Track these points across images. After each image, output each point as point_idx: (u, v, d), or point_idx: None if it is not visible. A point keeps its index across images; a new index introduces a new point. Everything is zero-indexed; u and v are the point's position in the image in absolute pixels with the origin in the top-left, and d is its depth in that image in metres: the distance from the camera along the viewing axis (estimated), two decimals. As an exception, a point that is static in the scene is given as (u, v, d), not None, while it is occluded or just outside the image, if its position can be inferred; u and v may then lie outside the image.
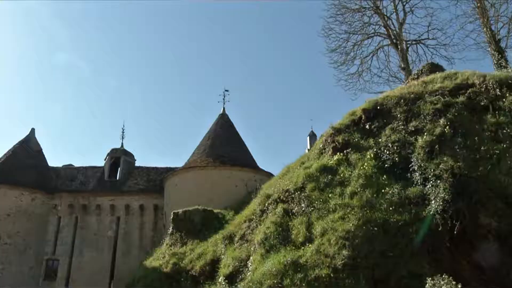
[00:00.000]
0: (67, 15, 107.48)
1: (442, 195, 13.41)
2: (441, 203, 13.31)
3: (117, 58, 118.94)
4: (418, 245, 12.89)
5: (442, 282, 10.83)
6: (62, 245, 38.33)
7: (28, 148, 41.53)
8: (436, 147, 15.07)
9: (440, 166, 14.15)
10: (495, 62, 25.76)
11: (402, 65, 32.86)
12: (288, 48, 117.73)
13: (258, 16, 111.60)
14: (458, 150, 14.66)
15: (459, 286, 10.54)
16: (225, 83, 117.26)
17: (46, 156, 43.16)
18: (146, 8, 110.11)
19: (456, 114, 16.26)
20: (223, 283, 16.87)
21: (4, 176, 37.82)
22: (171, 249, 23.69)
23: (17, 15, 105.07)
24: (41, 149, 43.04)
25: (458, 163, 13.98)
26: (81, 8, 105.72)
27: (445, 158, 14.34)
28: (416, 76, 22.54)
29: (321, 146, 19.16)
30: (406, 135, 16.46)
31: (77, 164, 44.14)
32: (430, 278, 11.12)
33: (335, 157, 17.44)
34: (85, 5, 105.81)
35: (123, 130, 45.30)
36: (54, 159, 61.40)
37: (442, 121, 16.04)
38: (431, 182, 14.08)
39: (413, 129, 16.55)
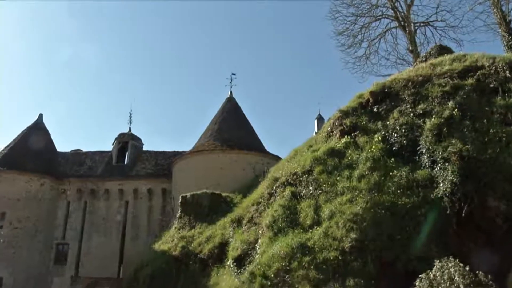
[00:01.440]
0: (75, 6, 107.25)
1: (450, 178, 13.37)
2: (449, 186, 13.28)
3: (124, 44, 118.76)
4: (426, 228, 12.91)
5: (449, 265, 10.81)
6: (71, 230, 38.70)
7: (37, 134, 41.71)
8: (444, 130, 14.99)
9: (449, 149, 14.09)
10: (505, 43, 25.48)
11: (410, 48, 32.60)
12: (295, 31, 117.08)
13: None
14: (466, 133, 14.58)
15: (467, 268, 10.54)
16: (232, 67, 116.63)
17: (54, 141, 43.41)
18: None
19: (464, 96, 16.14)
20: (231, 266, 16.99)
21: (13, 162, 38.08)
22: (179, 233, 23.85)
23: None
24: (49, 135, 43.23)
25: (467, 146, 13.91)
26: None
27: (453, 141, 14.27)
28: (424, 59, 22.34)
29: (328, 129, 19.12)
30: (414, 118, 16.37)
31: (85, 149, 44.37)
32: (437, 261, 11.12)
33: (343, 140, 17.40)
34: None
35: (131, 114, 45.42)
36: (62, 144, 61.43)
37: (450, 103, 15.93)
38: (439, 165, 14.04)
39: (421, 112, 16.46)
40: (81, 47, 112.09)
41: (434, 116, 15.73)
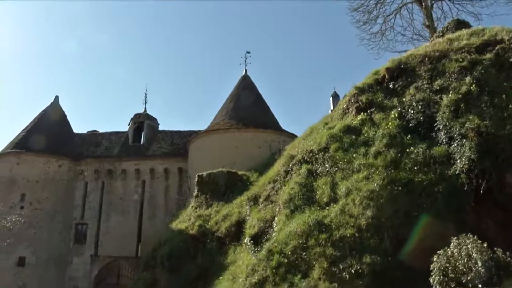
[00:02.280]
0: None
1: (468, 154, 13.23)
2: (467, 162, 13.14)
3: (138, 25, 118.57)
4: (443, 205, 12.84)
5: (467, 241, 10.75)
6: (89, 210, 39.23)
7: (53, 116, 42.07)
8: (461, 105, 14.77)
9: (466, 125, 13.90)
10: (526, 16, 24.86)
11: (427, 23, 32.01)
12: (310, 7, 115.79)
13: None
14: (484, 108, 14.35)
15: (485, 245, 10.49)
16: (247, 45, 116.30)
17: (70, 123, 43.77)
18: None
19: (482, 71, 15.84)
20: (248, 243, 17.10)
21: (31, 144, 38.56)
22: (196, 211, 24.03)
23: None
24: (65, 116, 43.57)
25: (485, 122, 13.71)
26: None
27: (471, 117, 14.07)
28: (441, 34, 21.95)
29: (344, 106, 19.00)
30: (431, 94, 16.16)
31: (101, 130, 44.70)
32: (455, 238, 11.08)
33: (359, 117, 17.29)
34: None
35: (146, 95, 45.62)
36: (79, 125, 62.10)
37: (468, 79, 15.66)
38: (457, 141, 13.89)
39: (438, 87, 16.22)
40: (96, 29, 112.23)
41: (451, 92, 15.51)
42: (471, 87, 15.20)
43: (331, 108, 40.79)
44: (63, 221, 38.28)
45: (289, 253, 13.80)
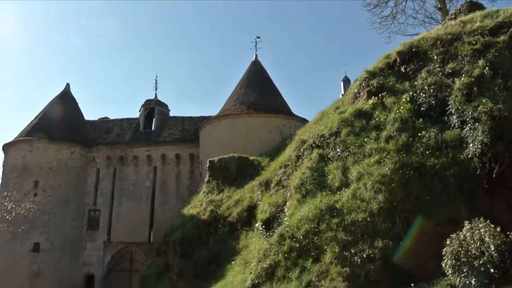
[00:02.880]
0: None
1: (481, 138, 13.11)
2: (479, 146, 13.02)
3: (148, 11, 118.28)
4: (455, 189, 12.78)
5: (480, 225, 10.73)
6: (102, 196, 39.53)
7: (64, 103, 42.29)
8: (474, 89, 14.60)
9: (479, 108, 13.75)
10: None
11: (439, 5, 31.57)
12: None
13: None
14: (497, 91, 14.16)
15: (498, 229, 10.45)
16: (257, 30, 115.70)
17: (81, 110, 43.97)
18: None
19: (496, 54, 15.60)
20: (260, 228, 17.19)
21: (43, 132, 38.84)
22: (208, 197, 24.14)
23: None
24: (76, 104, 43.78)
25: (498, 105, 13.53)
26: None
27: (483, 100, 13.90)
28: (453, 16, 21.63)
29: (355, 90, 18.88)
30: (443, 77, 15.98)
31: (112, 116, 44.86)
32: (467, 222, 11.05)
33: (370, 101, 17.18)
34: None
35: (156, 81, 45.69)
36: (90, 112, 62.21)
37: (481, 62, 15.41)
38: (469, 125, 13.76)
39: (450, 71, 16.03)
40: (105, 17, 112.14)
41: (463, 75, 15.33)
42: (484, 70, 14.98)
43: (342, 92, 40.67)
44: (75, 207, 38.64)
45: (301, 237, 13.84)
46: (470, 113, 13.93)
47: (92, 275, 38.07)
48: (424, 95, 15.78)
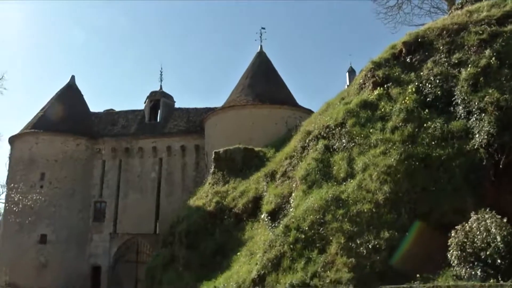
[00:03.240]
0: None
1: (487, 128, 13.04)
2: (486, 136, 12.96)
3: (153, 1, 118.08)
4: (461, 180, 12.73)
5: (486, 216, 10.71)
6: (107, 188, 39.64)
7: (70, 96, 42.34)
8: (480, 79, 14.50)
9: (485, 99, 13.68)
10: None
11: (445, -5, 31.38)
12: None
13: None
14: (504, 82, 14.06)
15: (504, 220, 10.41)
16: (262, 21, 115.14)
17: (87, 102, 44.02)
18: None
19: (503, 44, 15.45)
20: (266, 219, 17.21)
21: (48, 124, 38.95)
22: (213, 188, 24.17)
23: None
24: (82, 96, 43.83)
25: (505, 96, 13.45)
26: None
27: (490, 91, 13.82)
28: (459, 6, 21.44)
29: (361, 81, 18.81)
30: (449, 67, 15.89)
31: (117, 108, 44.86)
32: (473, 213, 11.02)
33: (376, 92, 17.11)
34: None
35: (161, 73, 45.67)
36: (95, 105, 62.10)
37: (487, 52, 15.29)
38: (475, 115, 13.69)
39: (457, 61, 15.93)
40: (109, 8, 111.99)
41: (470, 65, 15.22)
42: (491, 60, 14.87)
43: (347, 83, 40.49)
44: (82, 199, 38.78)
45: (306, 228, 13.85)
46: (476, 103, 13.86)
47: (99, 267, 38.28)
48: (430, 86, 15.71)
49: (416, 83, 16.13)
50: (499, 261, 9.89)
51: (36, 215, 35.03)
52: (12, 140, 40.06)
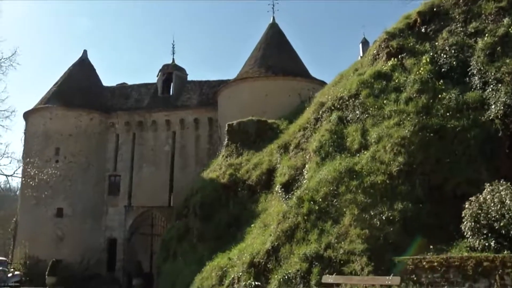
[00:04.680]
0: None
1: (503, 99, 12.87)
2: (502, 107, 12.80)
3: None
4: (476, 151, 12.63)
5: (501, 188, 10.64)
6: (122, 162, 39.85)
7: (82, 70, 42.35)
8: (498, 49, 14.24)
9: (502, 69, 13.47)
10: None
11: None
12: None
13: None
14: (522, 51, 13.85)
15: (520, 191, 10.34)
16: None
17: (99, 76, 44.02)
18: None
19: (523, 11, 15.15)
20: (279, 191, 17.27)
21: (62, 99, 39.05)
22: (227, 160, 24.24)
23: None
24: (94, 70, 43.81)
25: (522, 65, 13.25)
26: None
27: (507, 61, 13.58)
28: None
29: (374, 52, 18.60)
30: (465, 37, 15.63)
31: (130, 82, 44.80)
32: (488, 184, 10.96)
33: (390, 63, 16.93)
34: None
35: (173, 45, 45.41)
36: (108, 79, 61.87)
37: (506, 20, 14.92)
38: (492, 86, 13.50)
39: (473, 30, 15.64)
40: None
41: (487, 34, 14.93)
42: (509, 29, 14.54)
43: (361, 54, 39.98)
44: (96, 173, 39.07)
45: (320, 200, 13.90)
46: (492, 73, 13.67)
47: (115, 239, 38.74)
48: (445, 56, 15.49)
49: (431, 54, 15.92)
50: (512, 232, 9.87)
51: (52, 189, 35.37)
52: (26, 115, 40.29)
